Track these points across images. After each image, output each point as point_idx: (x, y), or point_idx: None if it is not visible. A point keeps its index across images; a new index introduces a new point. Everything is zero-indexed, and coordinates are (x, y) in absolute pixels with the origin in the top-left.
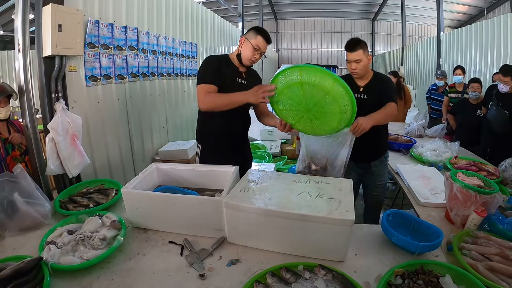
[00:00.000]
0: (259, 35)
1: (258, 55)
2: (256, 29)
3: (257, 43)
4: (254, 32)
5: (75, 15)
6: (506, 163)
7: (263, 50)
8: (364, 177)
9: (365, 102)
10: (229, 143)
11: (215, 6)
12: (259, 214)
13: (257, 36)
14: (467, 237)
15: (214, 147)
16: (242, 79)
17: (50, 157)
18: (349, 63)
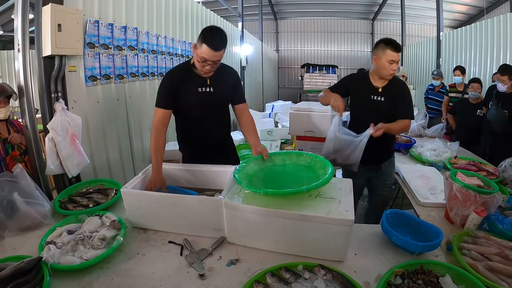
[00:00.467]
0: (204, 43)
1: (208, 66)
2: (203, 33)
3: (202, 54)
4: (201, 38)
5: (74, 15)
6: (505, 163)
7: (213, 60)
8: (373, 179)
9: (382, 104)
10: (208, 151)
11: (214, 6)
12: (258, 214)
13: (202, 45)
14: (466, 237)
15: (194, 157)
16: (205, 87)
17: (50, 157)
18: (392, 63)
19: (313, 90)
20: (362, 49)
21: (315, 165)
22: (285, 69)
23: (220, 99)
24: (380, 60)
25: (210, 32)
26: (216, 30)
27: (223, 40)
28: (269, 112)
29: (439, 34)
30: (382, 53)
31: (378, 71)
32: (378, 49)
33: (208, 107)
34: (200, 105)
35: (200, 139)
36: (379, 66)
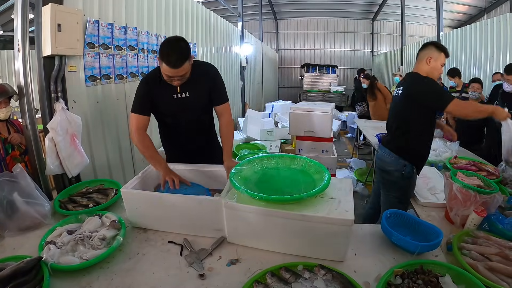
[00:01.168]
0: (162, 61)
1: (175, 81)
2: (160, 50)
3: (164, 71)
4: (159, 55)
5: (74, 15)
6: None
7: (177, 75)
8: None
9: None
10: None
11: (214, 6)
12: (258, 214)
13: (162, 63)
14: (466, 237)
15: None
16: (179, 93)
17: (50, 157)
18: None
19: (313, 90)
20: (362, 49)
21: (309, 169)
22: (285, 69)
23: (197, 104)
24: (436, 62)
25: (166, 48)
26: (172, 46)
27: (182, 54)
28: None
29: (439, 34)
30: (438, 55)
31: (431, 72)
32: (431, 50)
33: (185, 113)
34: (177, 112)
35: (181, 143)
36: (432, 67)
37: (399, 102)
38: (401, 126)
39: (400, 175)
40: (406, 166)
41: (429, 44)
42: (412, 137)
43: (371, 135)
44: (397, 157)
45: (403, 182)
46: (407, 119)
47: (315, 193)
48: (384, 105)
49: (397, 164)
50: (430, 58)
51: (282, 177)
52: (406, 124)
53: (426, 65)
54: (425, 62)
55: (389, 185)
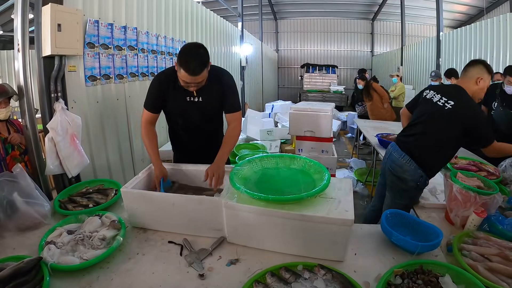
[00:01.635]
0: (181, 68)
1: (192, 87)
2: (180, 56)
3: (182, 78)
4: (178, 61)
5: (74, 15)
6: (506, 163)
7: (194, 82)
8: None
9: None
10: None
11: (214, 6)
12: (258, 214)
13: (180, 69)
14: (467, 237)
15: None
16: (193, 96)
17: (50, 157)
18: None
19: (313, 90)
20: (362, 49)
21: (309, 169)
22: (285, 69)
23: (209, 109)
24: (484, 83)
25: (186, 55)
26: (192, 53)
27: (201, 61)
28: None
29: (439, 34)
30: (487, 77)
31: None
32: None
33: (196, 117)
34: (188, 114)
35: (188, 144)
36: (480, 88)
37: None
38: (437, 140)
39: (415, 185)
40: (422, 177)
41: (480, 63)
42: (441, 153)
43: (371, 135)
44: (417, 167)
45: (415, 192)
46: (446, 136)
47: (315, 193)
48: (381, 105)
49: (415, 174)
50: (480, 79)
51: (282, 177)
52: (443, 140)
53: (475, 85)
54: (475, 82)
55: (400, 192)
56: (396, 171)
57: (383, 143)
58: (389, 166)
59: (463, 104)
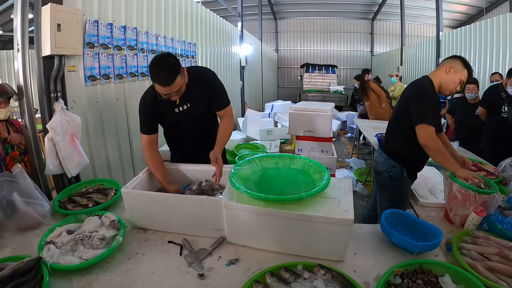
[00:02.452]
0: (154, 82)
1: (174, 96)
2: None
3: (159, 91)
4: (150, 77)
5: (74, 15)
6: (505, 163)
7: (172, 91)
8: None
9: None
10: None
11: (214, 5)
12: (258, 214)
13: (155, 84)
14: (466, 237)
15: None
16: (179, 106)
17: (49, 157)
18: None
19: (313, 90)
20: (362, 49)
21: (309, 169)
22: (284, 69)
23: (199, 112)
24: (456, 74)
25: (155, 68)
26: (160, 64)
27: (171, 71)
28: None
29: (438, 34)
30: (461, 69)
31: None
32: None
33: (188, 123)
34: (182, 123)
35: (185, 147)
36: (450, 78)
37: (399, 102)
38: (395, 127)
39: (389, 176)
40: (395, 167)
41: (457, 57)
42: (405, 140)
43: (371, 135)
44: (387, 157)
45: (392, 184)
46: (402, 121)
47: (314, 193)
48: (378, 105)
49: (386, 164)
50: (451, 67)
51: (281, 177)
52: (400, 125)
53: (444, 73)
54: (445, 70)
55: (380, 187)
56: (374, 167)
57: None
58: (373, 165)
59: (413, 84)
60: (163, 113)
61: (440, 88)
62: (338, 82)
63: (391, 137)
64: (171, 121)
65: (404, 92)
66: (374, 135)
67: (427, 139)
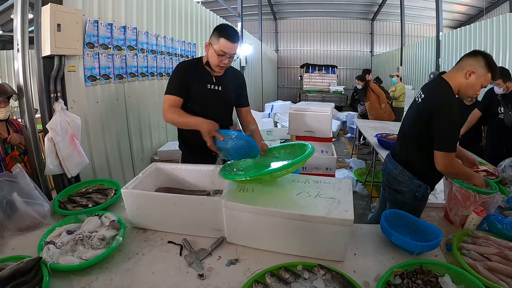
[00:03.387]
0: (221, 37)
1: (226, 59)
2: (218, 30)
3: (220, 48)
4: (216, 34)
5: (74, 15)
6: (505, 163)
7: (231, 52)
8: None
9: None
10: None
11: (214, 6)
12: (258, 214)
13: (219, 39)
14: (466, 237)
15: (195, 153)
16: (213, 84)
17: (49, 157)
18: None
19: (313, 90)
20: (362, 49)
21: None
22: (284, 69)
23: (226, 99)
24: (477, 80)
25: (225, 27)
26: (229, 25)
27: (237, 33)
28: (269, 112)
29: (438, 34)
30: (484, 74)
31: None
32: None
33: (214, 105)
34: (208, 101)
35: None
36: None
37: (419, 112)
38: (417, 142)
39: (413, 196)
40: (420, 187)
41: (480, 54)
42: (426, 154)
43: (371, 135)
44: (412, 176)
45: (414, 204)
46: (423, 135)
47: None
48: (378, 105)
49: (411, 184)
50: (471, 72)
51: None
52: (422, 140)
53: (463, 77)
54: (464, 75)
55: (399, 205)
56: (392, 183)
57: (382, 143)
58: (386, 178)
59: (434, 93)
60: (197, 85)
61: (458, 93)
62: (338, 82)
63: (413, 153)
64: (200, 95)
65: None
66: (374, 135)
67: (447, 167)
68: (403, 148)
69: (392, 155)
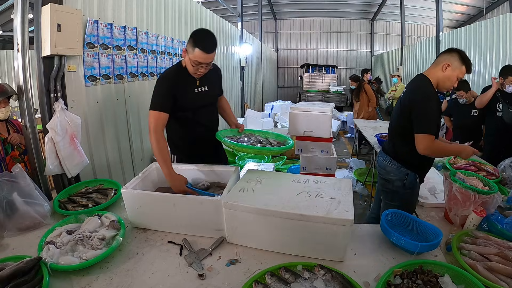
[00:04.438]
0: (196, 47)
1: (203, 68)
2: (194, 38)
3: (195, 58)
4: (192, 43)
5: (74, 15)
6: (505, 163)
7: (207, 62)
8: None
9: None
10: (203, 148)
11: (214, 6)
12: (258, 214)
13: (194, 49)
14: (466, 237)
15: (190, 155)
16: (198, 87)
17: (49, 157)
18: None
19: (313, 90)
20: (362, 49)
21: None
22: (284, 69)
23: (213, 97)
24: (453, 72)
25: (200, 35)
26: (206, 33)
27: (214, 42)
28: (269, 112)
29: (438, 34)
30: (458, 66)
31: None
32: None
33: (204, 108)
34: (198, 105)
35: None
36: (446, 76)
37: (400, 105)
38: (401, 132)
39: (402, 185)
40: (408, 175)
41: (454, 50)
42: (411, 145)
43: (371, 135)
44: (399, 165)
45: (404, 192)
46: (406, 125)
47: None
48: (366, 108)
49: (399, 173)
50: (447, 65)
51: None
52: (405, 130)
53: (440, 71)
54: (441, 68)
55: (391, 195)
56: (382, 173)
57: (382, 143)
58: (378, 170)
59: (412, 85)
60: (184, 92)
61: (437, 86)
62: (338, 82)
63: (398, 143)
64: (190, 101)
65: (407, 97)
66: (374, 136)
67: (427, 148)
68: (391, 141)
69: (383, 149)
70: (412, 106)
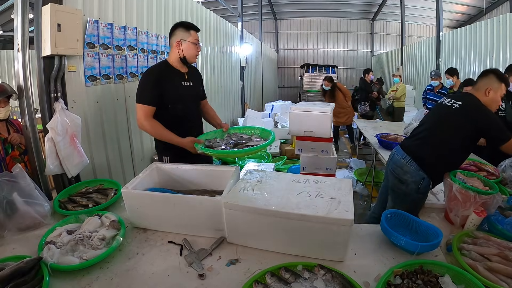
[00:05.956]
0: (191, 30)
1: (199, 47)
2: (183, 26)
3: (194, 38)
4: (184, 29)
5: (74, 15)
6: (505, 163)
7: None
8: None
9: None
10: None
11: (214, 6)
12: (258, 214)
13: (190, 32)
14: (466, 237)
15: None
16: (186, 81)
17: (49, 157)
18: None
19: (313, 90)
20: (362, 49)
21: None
22: (284, 69)
23: (198, 92)
24: (496, 94)
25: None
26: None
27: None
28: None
29: (438, 34)
30: (498, 86)
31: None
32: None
33: (191, 100)
34: (186, 98)
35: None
36: (491, 99)
37: (452, 116)
38: (441, 140)
39: (416, 188)
40: (424, 180)
41: (490, 72)
42: (446, 156)
43: (371, 135)
44: (418, 167)
45: (416, 196)
46: (452, 136)
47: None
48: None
49: (416, 175)
50: (489, 89)
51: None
52: (448, 140)
53: (484, 96)
54: (484, 93)
55: (401, 196)
56: (397, 172)
57: (383, 143)
58: (391, 168)
59: (471, 104)
60: (171, 84)
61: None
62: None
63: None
64: (178, 94)
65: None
66: (374, 135)
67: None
68: (422, 144)
69: (402, 147)
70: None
